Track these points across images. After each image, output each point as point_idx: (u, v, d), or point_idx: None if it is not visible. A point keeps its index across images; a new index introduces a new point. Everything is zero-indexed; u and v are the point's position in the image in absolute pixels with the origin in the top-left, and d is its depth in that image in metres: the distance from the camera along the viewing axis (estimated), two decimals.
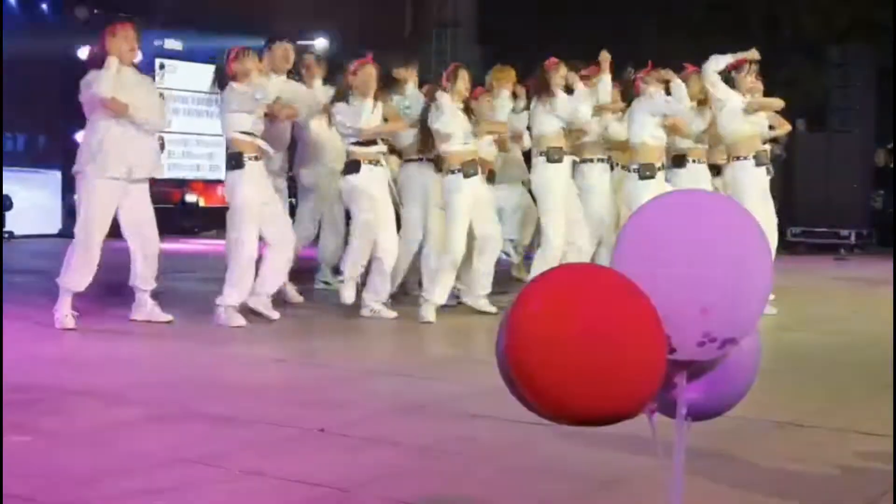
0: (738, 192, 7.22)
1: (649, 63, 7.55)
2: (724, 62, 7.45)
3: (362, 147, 6.91)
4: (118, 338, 6.25)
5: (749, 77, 7.49)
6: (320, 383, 4.93)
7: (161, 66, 16.05)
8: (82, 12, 13.42)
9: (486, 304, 7.30)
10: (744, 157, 7.44)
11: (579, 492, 3.24)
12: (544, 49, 8.00)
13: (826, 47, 14.14)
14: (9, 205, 13.47)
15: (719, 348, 2.28)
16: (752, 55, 7.52)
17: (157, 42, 15.89)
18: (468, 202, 7.05)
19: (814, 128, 14.37)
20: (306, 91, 7.51)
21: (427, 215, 7.39)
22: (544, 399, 2.15)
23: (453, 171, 7.00)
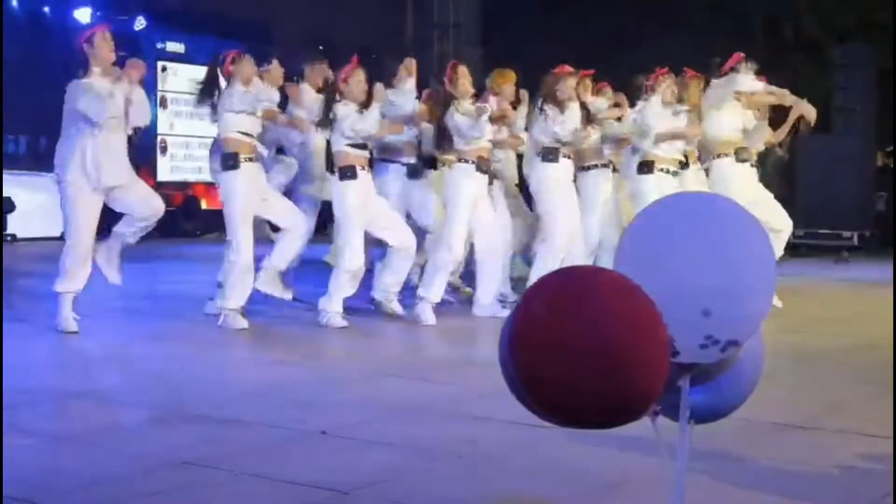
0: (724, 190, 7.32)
1: (657, 70, 7.56)
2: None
3: (357, 150, 6.79)
4: (118, 340, 6.26)
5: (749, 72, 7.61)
6: (321, 385, 4.93)
7: (163, 68, 16.07)
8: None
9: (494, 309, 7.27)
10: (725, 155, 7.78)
11: (582, 494, 3.24)
12: (545, 51, 7.99)
13: (828, 48, 14.13)
14: (10, 207, 13.47)
15: (722, 351, 2.28)
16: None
17: (158, 45, 15.92)
18: (472, 199, 7.04)
19: (816, 129, 14.35)
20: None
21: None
22: (547, 401, 2.14)
23: (467, 161, 6.98)
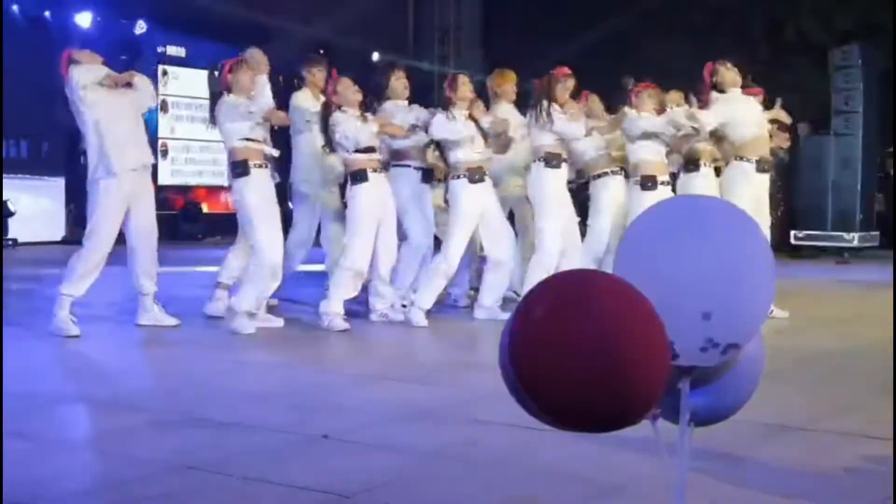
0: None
1: (643, 84, 7.52)
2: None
3: (365, 154, 6.85)
4: (120, 344, 6.26)
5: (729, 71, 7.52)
6: (324, 389, 4.93)
7: (164, 72, 16.09)
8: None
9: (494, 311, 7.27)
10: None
11: (583, 497, 3.24)
12: (546, 53, 7.98)
13: (829, 50, 14.11)
14: (9, 212, 13.49)
15: (722, 354, 2.28)
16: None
17: (159, 48, 15.93)
18: (471, 212, 7.04)
19: (817, 131, 14.34)
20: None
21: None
22: (547, 404, 2.15)
23: (459, 176, 7.01)
